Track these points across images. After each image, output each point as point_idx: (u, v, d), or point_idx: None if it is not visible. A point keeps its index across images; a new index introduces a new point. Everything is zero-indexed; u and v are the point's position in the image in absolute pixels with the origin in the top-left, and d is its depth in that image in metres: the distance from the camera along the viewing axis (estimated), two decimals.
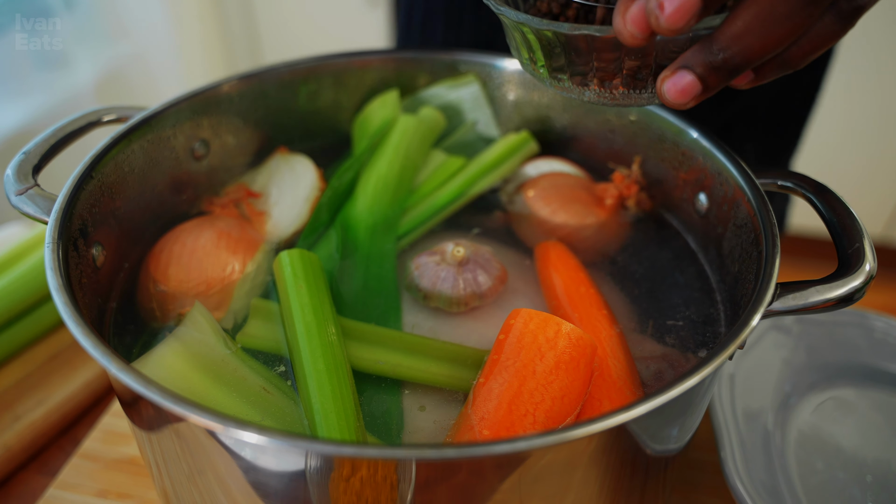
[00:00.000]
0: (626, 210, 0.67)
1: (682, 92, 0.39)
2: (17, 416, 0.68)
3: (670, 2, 0.34)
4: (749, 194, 0.53)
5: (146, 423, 0.43)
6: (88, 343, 0.38)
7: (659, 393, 0.37)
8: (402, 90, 0.74)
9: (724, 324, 0.55)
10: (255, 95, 0.68)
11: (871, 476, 0.60)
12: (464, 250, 0.56)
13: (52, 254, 0.45)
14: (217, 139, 0.66)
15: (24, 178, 0.52)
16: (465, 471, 0.37)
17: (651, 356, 0.53)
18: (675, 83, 0.39)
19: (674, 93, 0.39)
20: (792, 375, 0.68)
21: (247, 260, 0.57)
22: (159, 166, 0.61)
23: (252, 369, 0.48)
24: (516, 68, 0.71)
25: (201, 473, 0.42)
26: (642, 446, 0.42)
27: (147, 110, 0.59)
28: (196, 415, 0.35)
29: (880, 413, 0.66)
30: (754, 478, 0.57)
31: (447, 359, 0.50)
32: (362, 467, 0.36)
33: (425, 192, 0.67)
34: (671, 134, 0.62)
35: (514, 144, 0.70)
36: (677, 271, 0.61)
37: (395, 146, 0.68)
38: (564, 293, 0.56)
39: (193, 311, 0.51)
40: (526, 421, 0.43)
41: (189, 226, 0.59)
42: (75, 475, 0.64)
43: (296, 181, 0.66)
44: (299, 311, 0.50)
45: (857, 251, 0.46)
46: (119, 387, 0.44)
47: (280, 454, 0.37)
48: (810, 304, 0.44)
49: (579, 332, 0.46)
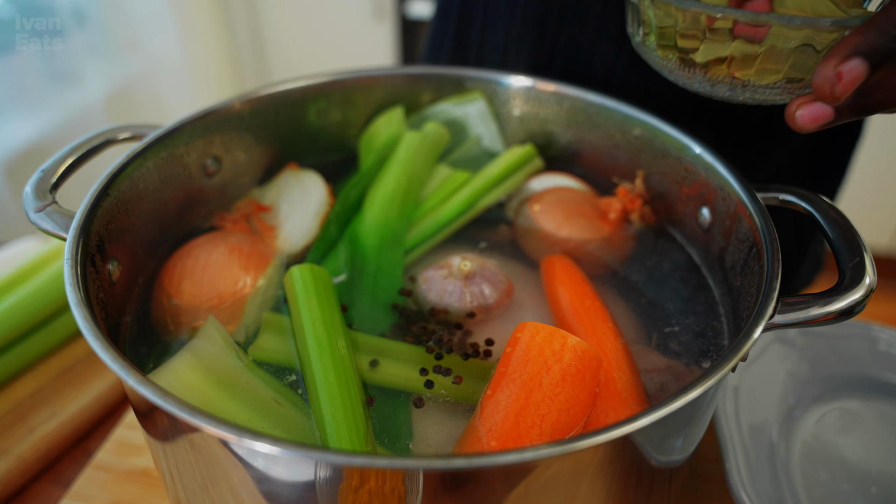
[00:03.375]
0: (629, 224, 0.68)
1: (815, 119, 0.43)
2: (31, 428, 0.69)
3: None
4: (751, 209, 0.54)
5: (161, 434, 0.44)
6: (108, 356, 0.39)
7: (662, 405, 0.37)
8: (410, 107, 0.76)
9: (727, 336, 0.56)
10: (266, 113, 0.69)
11: (875, 488, 0.61)
12: (470, 264, 0.57)
13: (70, 270, 0.46)
14: (229, 156, 0.68)
15: (43, 195, 0.53)
16: (472, 482, 0.38)
17: (655, 368, 0.54)
18: (813, 111, 0.42)
19: (807, 119, 0.43)
20: (796, 387, 0.69)
21: (258, 274, 0.58)
22: (173, 183, 0.63)
23: (264, 381, 0.49)
24: (522, 85, 0.73)
25: (215, 484, 0.43)
26: (647, 457, 0.43)
27: (161, 128, 0.61)
28: (210, 425, 0.36)
29: (885, 425, 0.67)
30: (759, 489, 0.58)
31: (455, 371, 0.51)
32: (371, 478, 0.37)
33: (432, 206, 0.68)
34: (674, 149, 0.64)
35: (518, 157, 0.71)
36: (680, 284, 0.61)
37: (401, 162, 0.69)
38: (570, 306, 0.57)
39: (207, 325, 0.52)
40: (533, 432, 0.44)
41: (201, 241, 0.60)
42: (89, 486, 0.64)
43: (305, 197, 0.67)
44: (310, 325, 0.51)
45: (858, 265, 0.47)
46: (135, 398, 0.45)
47: (292, 464, 0.38)
48: (812, 318, 0.45)
49: (585, 345, 0.47)
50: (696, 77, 0.50)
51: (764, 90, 0.48)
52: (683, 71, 0.51)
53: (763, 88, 0.48)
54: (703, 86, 0.50)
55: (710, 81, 0.50)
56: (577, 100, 0.70)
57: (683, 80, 0.52)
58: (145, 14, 2.06)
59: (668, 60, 0.51)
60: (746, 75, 0.48)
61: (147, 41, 2.11)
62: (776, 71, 0.47)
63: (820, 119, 0.42)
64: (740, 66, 0.48)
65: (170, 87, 2.19)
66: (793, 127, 0.44)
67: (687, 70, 0.50)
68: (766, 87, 0.48)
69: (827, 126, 0.43)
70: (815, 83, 0.40)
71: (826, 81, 0.39)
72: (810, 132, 0.43)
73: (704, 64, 0.49)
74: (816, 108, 0.42)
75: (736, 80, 0.48)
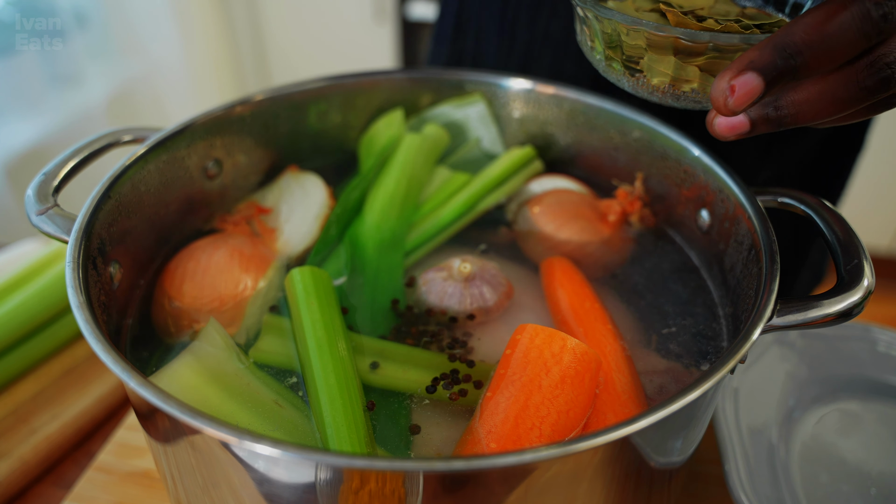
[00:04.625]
0: (629, 226, 0.68)
1: (732, 128, 0.43)
2: (32, 430, 0.69)
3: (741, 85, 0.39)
4: (749, 211, 0.54)
5: (162, 436, 0.44)
6: (109, 359, 0.40)
7: (661, 406, 0.38)
8: (410, 109, 0.76)
9: (726, 338, 0.56)
10: (267, 116, 0.69)
11: (875, 489, 0.61)
12: (470, 266, 0.58)
13: (72, 272, 0.46)
14: (230, 158, 0.68)
15: (45, 198, 0.53)
16: (472, 483, 0.38)
17: (655, 370, 0.54)
18: (729, 121, 0.43)
19: (724, 128, 0.43)
20: (796, 389, 0.69)
21: (259, 277, 0.59)
22: (174, 185, 0.63)
23: (265, 383, 0.50)
24: (521, 87, 0.73)
25: (216, 486, 0.43)
26: (646, 459, 0.43)
27: (163, 131, 0.61)
28: (211, 427, 0.36)
29: (884, 426, 0.67)
30: (759, 491, 0.58)
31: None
32: (371, 480, 0.37)
33: (432, 208, 0.68)
34: (673, 152, 0.64)
35: (518, 159, 0.72)
36: (680, 286, 0.62)
37: (400, 164, 0.69)
38: (570, 308, 0.57)
39: (208, 327, 0.52)
40: (532, 434, 0.44)
41: (202, 243, 0.60)
42: (90, 488, 0.65)
43: (306, 199, 0.67)
44: (310, 327, 0.51)
45: (857, 267, 0.47)
46: (137, 400, 0.45)
47: (292, 466, 0.38)
48: (810, 320, 0.45)
49: (584, 347, 0.47)
50: (621, 80, 0.53)
51: (684, 97, 0.50)
52: (612, 72, 0.53)
53: (682, 95, 0.50)
54: (631, 87, 0.52)
55: (633, 84, 0.52)
56: (576, 102, 0.71)
57: (616, 81, 0.54)
58: (146, 16, 2.07)
59: (595, 59, 0.54)
60: (663, 82, 0.49)
61: (148, 43, 2.11)
62: (691, 80, 0.48)
63: (736, 128, 0.43)
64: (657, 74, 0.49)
65: (171, 90, 2.20)
66: (712, 133, 0.44)
67: (613, 72, 0.53)
68: (684, 93, 0.49)
69: (745, 136, 0.44)
70: (712, 95, 0.41)
71: (720, 93, 0.40)
72: (728, 140, 0.44)
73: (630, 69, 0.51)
74: (733, 118, 0.43)
75: (664, 89, 0.50)
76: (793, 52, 0.38)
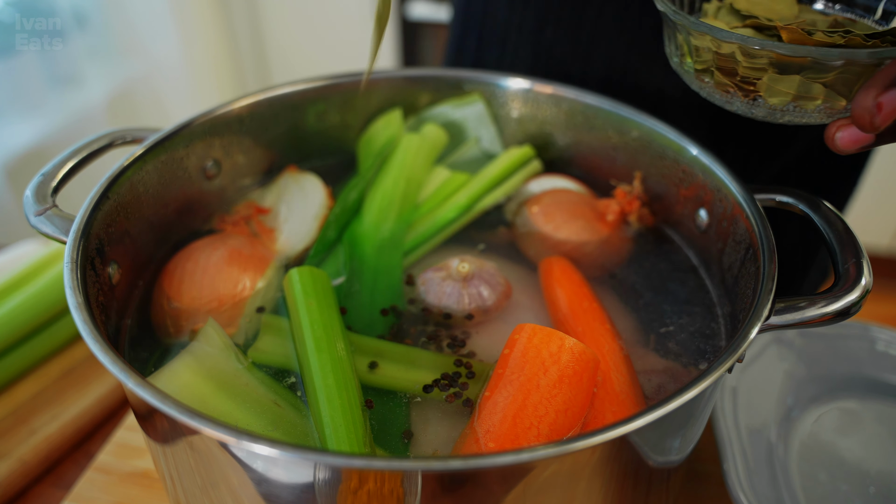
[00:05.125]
0: (628, 226, 0.68)
1: (855, 142, 0.43)
2: (32, 431, 0.69)
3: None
4: (747, 210, 0.54)
5: (161, 437, 0.44)
6: (107, 359, 0.40)
7: (659, 405, 0.38)
8: (409, 109, 0.76)
9: (724, 337, 0.56)
10: (266, 116, 0.70)
11: (874, 487, 0.61)
12: (469, 266, 0.58)
13: (70, 273, 0.46)
14: (228, 159, 0.68)
15: (43, 198, 0.53)
16: (470, 483, 0.38)
17: (653, 370, 0.54)
18: (852, 134, 0.43)
19: (847, 142, 0.43)
20: (795, 388, 0.69)
21: (257, 277, 0.59)
22: (172, 186, 0.63)
23: (263, 383, 0.50)
24: (520, 87, 0.73)
25: (214, 486, 0.43)
26: (644, 458, 0.43)
27: (161, 132, 0.61)
28: (210, 428, 0.36)
29: (883, 425, 0.67)
30: (757, 490, 0.58)
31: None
32: (370, 480, 0.37)
33: (430, 208, 0.68)
34: (672, 151, 0.64)
35: (516, 158, 0.72)
36: (678, 286, 0.62)
37: (399, 164, 0.69)
38: (568, 308, 0.57)
39: (206, 327, 0.52)
40: (530, 434, 0.44)
41: (201, 244, 0.60)
42: (89, 488, 0.65)
43: (305, 199, 0.67)
44: (309, 327, 0.51)
45: (854, 266, 0.47)
46: (135, 401, 0.45)
47: (291, 466, 0.38)
48: (808, 319, 0.45)
49: (582, 347, 0.47)
50: (734, 101, 0.51)
51: (804, 114, 0.48)
52: (721, 94, 0.51)
53: (803, 112, 0.48)
54: (741, 108, 0.51)
55: (748, 105, 0.50)
56: (575, 102, 0.71)
57: (721, 101, 0.52)
58: (146, 17, 2.07)
59: (704, 84, 0.52)
60: (783, 102, 0.48)
61: (148, 44, 2.11)
62: (814, 98, 0.47)
63: (860, 142, 0.43)
64: (778, 94, 0.48)
65: (170, 90, 2.20)
66: (832, 148, 0.44)
67: (725, 94, 0.51)
68: (806, 111, 0.48)
69: (868, 148, 0.43)
70: (855, 113, 0.40)
71: (865, 112, 0.40)
72: (850, 154, 0.44)
73: (745, 91, 0.49)
74: (856, 132, 0.42)
75: (783, 108, 0.49)
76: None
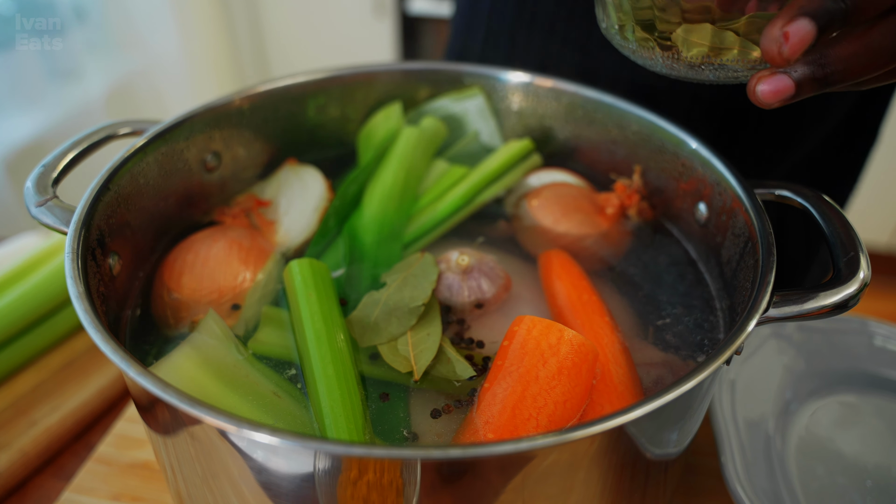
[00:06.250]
0: (627, 219, 0.68)
1: (777, 93, 0.42)
2: (32, 422, 0.70)
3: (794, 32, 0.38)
4: (746, 204, 0.54)
5: (162, 427, 0.44)
6: (109, 349, 0.40)
7: (656, 396, 0.38)
8: (409, 102, 0.76)
9: (723, 330, 0.56)
10: (266, 109, 0.70)
11: (870, 481, 0.61)
12: (468, 259, 0.58)
13: (72, 263, 0.47)
14: (228, 151, 0.68)
15: (44, 189, 0.53)
16: (469, 473, 0.38)
17: (652, 362, 0.54)
18: (773, 84, 0.42)
19: (768, 93, 0.42)
20: (793, 382, 0.69)
21: (258, 269, 0.59)
22: (173, 178, 0.63)
23: (263, 375, 0.50)
24: (520, 81, 0.73)
25: (215, 476, 0.43)
26: (642, 450, 0.43)
27: (162, 124, 0.61)
28: (211, 416, 0.36)
29: (881, 419, 0.67)
30: (755, 483, 0.58)
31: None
32: (369, 470, 0.37)
33: (430, 201, 0.68)
34: (671, 145, 0.64)
35: (516, 151, 0.72)
36: (677, 279, 0.62)
37: (398, 157, 0.69)
38: (567, 300, 0.57)
39: (207, 319, 0.53)
40: (529, 425, 0.44)
41: (201, 236, 0.61)
42: (90, 479, 0.65)
43: (305, 192, 0.68)
44: (309, 319, 0.51)
45: (853, 259, 0.48)
46: (137, 391, 0.45)
47: (291, 455, 0.39)
48: (806, 311, 0.45)
49: (581, 339, 0.48)
50: (656, 58, 0.50)
51: (723, 68, 0.47)
52: (645, 51, 0.51)
53: (722, 65, 0.47)
54: (665, 65, 0.50)
55: (670, 60, 0.49)
56: (575, 96, 0.71)
57: (646, 61, 0.51)
58: (145, 10, 2.06)
59: (628, 43, 0.51)
60: (700, 53, 0.47)
61: (147, 37, 2.11)
62: (729, 48, 0.46)
63: (781, 92, 0.41)
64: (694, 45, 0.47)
65: (170, 84, 2.20)
66: (755, 103, 0.43)
67: (647, 51, 0.50)
68: (724, 63, 0.47)
69: (790, 101, 0.42)
70: (763, 46, 0.39)
71: (773, 42, 0.39)
72: (773, 107, 0.43)
73: (664, 46, 0.49)
74: (777, 81, 0.41)
75: (701, 60, 0.48)
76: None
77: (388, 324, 0.53)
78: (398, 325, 0.53)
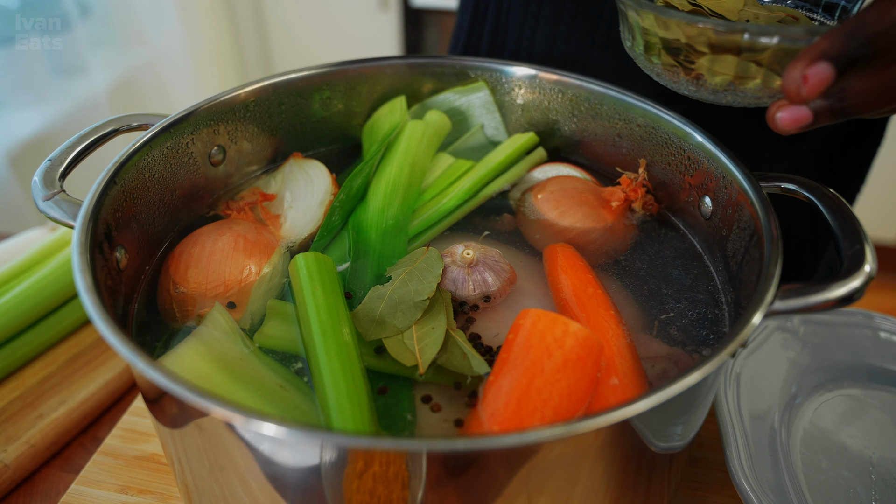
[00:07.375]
0: (632, 213, 0.68)
1: (795, 121, 0.44)
2: (40, 415, 0.70)
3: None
4: (752, 197, 0.54)
5: (169, 420, 0.44)
6: (117, 341, 0.40)
7: (661, 389, 0.38)
8: (414, 96, 0.76)
9: (728, 324, 0.56)
10: (271, 103, 0.70)
11: (875, 475, 0.61)
12: (473, 252, 0.58)
13: (80, 256, 0.47)
14: (234, 145, 0.68)
15: (51, 184, 0.54)
16: (475, 466, 0.38)
17: (657, 356, 0.54)
18: (792, 113, 0.44)
19: (787, 121, 0.44)
20: (798, 376, 0.69)
21: (263, 262, 0.59)
22: (178, 172, 0.63)
23: (269, 367, 0.50)
24: (525, 73, 0.73)
25: (222, 469, 0.44)
26: (647, 443, 0.43)
27: (168, 118, 0.61)
28: (219, 407, 0.37)
29: (886, 413, 0.67)
30: (759, 476, 0.58)
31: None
32: (375, 462, 0.38)
33: (434, 195, 0.69)
34: (676, 138, 0.64)
35: (521, 145, 0.72)
36: (683, 273, 0.62)
37: (403, 150, 0.69)
38: (572, 294, 0.57)
39: (213, 312, 0.53)
40: (534, 417, 0.44)
41: (207, 229, 0.61)
42: (97, 472, 0.65)
43: (310, 186, 0.68)
44: (315, 312, 0.52)
45: (858, 253, 0.48)
46: (144, 383, 0.45)
47: (297, 447, 0.39)
48: (811, 304, 0.45)
49: (586, 332, 0.48)
50: (680, 81, 0.53)
51: (745, 94, 0.50)
52: (669, 74, 0.53)
53: (744, 92, 0.50)
54: (688, 89, 0.53)
55: (693, 85, 0.52)
56: (580, 89, 0.71)
57: (670, 83, 0.54)
58: (149, 5, 2.06)
59: (653, 65, 0.53)
60: (724, 81, 0.50)
61: (151, 32, 2.11)
62: (752, 77, 0.49)
63: (799, 121, 0.44)
64: (718, 73, 0.49)
65: (174, 78, 2.20)
66: (773, 128, 0.45)
67: (672, 74, 0.52)
68: (746, 91, 0.50)
69: (807, 129, 0.44)
70: (784, 85, 0.42)
71: (793, 83, 0.41)
72: (790, 134, 0.45)
73: (688, 70, 0.51)
74: (796, 111, 0.44)
75: (725, 88, 0.50)
76: (865, 41, 0.39)
77: (394, 317, 0.53)
78: (403, 318, 0.53)
